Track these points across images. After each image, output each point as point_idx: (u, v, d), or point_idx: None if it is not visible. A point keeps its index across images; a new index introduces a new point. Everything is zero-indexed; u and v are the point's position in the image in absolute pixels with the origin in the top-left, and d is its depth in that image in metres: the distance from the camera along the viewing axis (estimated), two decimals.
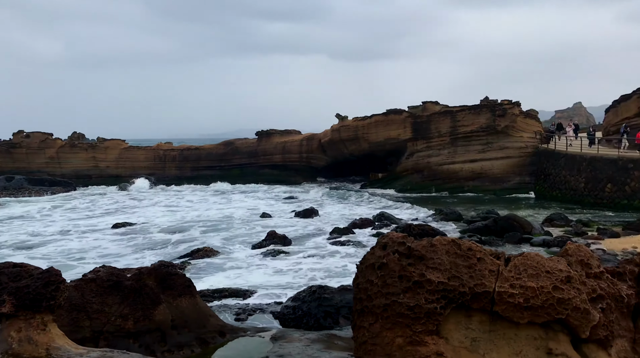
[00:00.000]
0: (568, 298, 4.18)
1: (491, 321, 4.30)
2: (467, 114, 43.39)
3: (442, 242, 4.45)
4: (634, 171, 32.34)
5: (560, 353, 4.21)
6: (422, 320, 4.15)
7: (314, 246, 22.23)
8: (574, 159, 36.14)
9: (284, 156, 54.46)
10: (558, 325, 4.27)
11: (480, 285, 4.26)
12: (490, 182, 41.86)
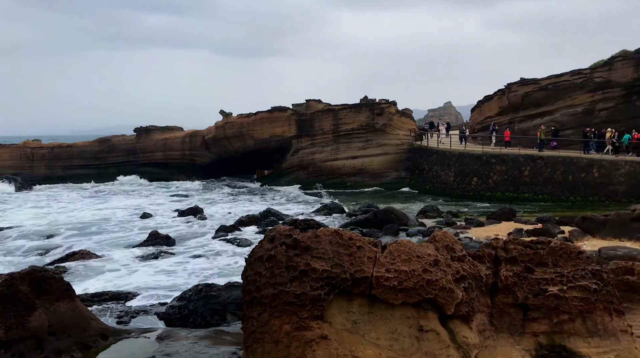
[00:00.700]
0: (436, 280, 4.66)
1: (370, 304, 4.68)
2: (348, 112, 44.98)
3: (326, 233, 4.75)
4: (496, 165, 35.56)
5: (430, 329, 4.69)
6: (308, 306, 4.42)
7: (200, 245, 21.92)
8: (444, 155, 38.92)
9: (166, 153, 52.83)
10: (428, 304, 4.75)
11: (360, 271, 4.62)
12: (370, 177, 43.80)
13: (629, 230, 18.97)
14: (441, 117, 75.79)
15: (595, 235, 19.58)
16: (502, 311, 5.37)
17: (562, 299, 5.37)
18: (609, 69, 34.81)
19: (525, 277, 5.43)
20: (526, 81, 38.30)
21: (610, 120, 34.58)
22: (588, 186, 32.53)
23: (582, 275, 5.67)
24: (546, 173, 33.71)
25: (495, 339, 5.13)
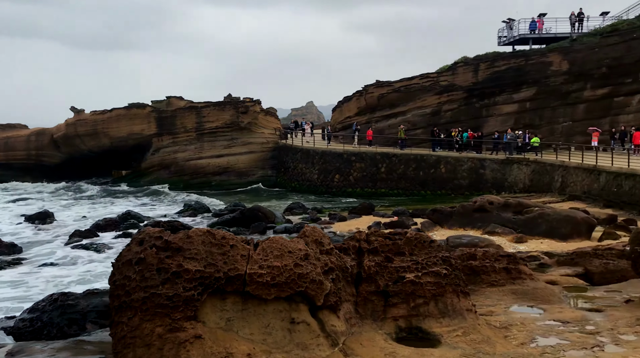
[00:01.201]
0: (306, 273, 4.88)
1: (243, 301, 4.77)
2: (212, 110, 44.31)
3: (198, 233, 4.75)
4: (356, 163, 37.36)
5: (301, 321, 4.90)
6: (181, 307, 4.39)
7: (51, 252, 20.29)
8: (308, 153, 40.00)
9: (7, 153, 48.01)
10: (299, 297, 4.95)
11: (233, 269, 4.69)
12: (236, 176, 43.59)
13: (472, 219, 21.05)
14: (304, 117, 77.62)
15: (444, 225, 21.44)
16: (366, 300, 5.76)
17: (417, 285, 5.89)
18: (452, 74, 38.18)
19: (385, 266, 5.88)
20: (381, 83, 40.65)
21: (455, 120, 37.97)
22: (437, 181, 35.46)
23: (434, 261, 6.26)
24: (400, 170, 36.13)
25: (361, 325, 5.49)
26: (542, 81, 36.18)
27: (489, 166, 34.53)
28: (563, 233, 18.82)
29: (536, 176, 32.28)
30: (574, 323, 7.02)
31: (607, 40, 35.07)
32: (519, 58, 36.83)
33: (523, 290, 9.30)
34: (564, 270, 12.96)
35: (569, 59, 35.56)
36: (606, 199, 26.24)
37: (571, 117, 36.54)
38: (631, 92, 35.22)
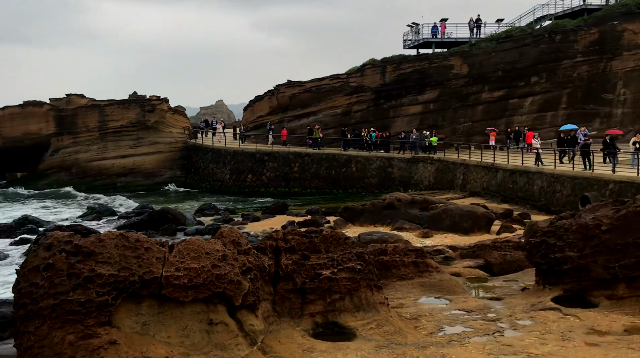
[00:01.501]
0: (224, 274, 4.87)
1: (160, 304, 4.68)
2: (116, 108, 42.44)
3: (111, 236, 4.60)
4: (269, 162, 37.34)
5: (220, 322, 4.89)
6: (94, 313, 4.23)
7: None
8: (219, 153, 39.41)
9: None
10: (217, 298, 4.94)
11: (149, 272, 4.58)
12: (143, 177, 42.05)
13: (381, 216, 21.76)
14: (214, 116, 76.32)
15: (355, 223, 21.99)
16: (283, 298, 5.84)
17: (334, 281, 6.06)
18: (361, 75, 39.18)
19: (302, 264, 5.99)
20: (292, 83, 40.90)
21: (364, 120, 39.00)
22: (348, 179, 36.25)
23: (349, 258, 6.46)
24: (313, 169, 36.57)
25: (279, 323, 5.56)
26: (444, 83, 38.03)
27: (396, 165, 35.79)
28: (465, 228, 19.92)
29: (440, 174, 33.90)
30: (477, 312, 7.51)
31: (502, 45, 37.52)
32: (422, 61, 38.47)
33: (430, 282, 9.79)
34: (466, 262, 13.78)
35: (469, 63, 37.66)
36: (503, 195, 28.09)
37: (471, 118, 38.70)
38: (524, 94, 37.92)
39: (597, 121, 37.48)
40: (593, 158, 24.32)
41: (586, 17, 37.24)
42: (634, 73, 37.12)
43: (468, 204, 24.24)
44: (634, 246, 7.23)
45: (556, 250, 8.14)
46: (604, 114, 37.74)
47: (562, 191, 24.47)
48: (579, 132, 29.20)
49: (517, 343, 5.95)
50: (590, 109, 37.72)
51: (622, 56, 36.76)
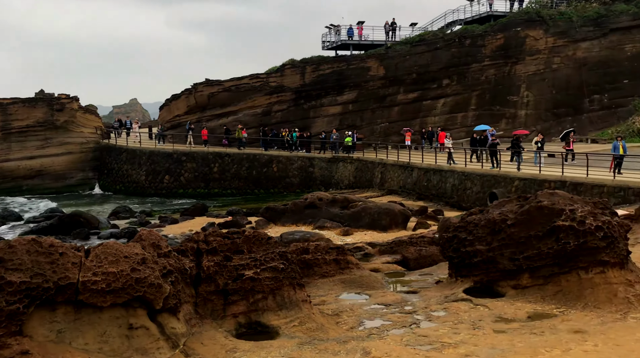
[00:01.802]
0: (144, 277, 4.78)
1: (76, 310, 4.51)
2: (21, 107, 39.88)
3: (22, 242, 4.38)
4: (187, 163, 36.56)
5: (140, 326, 4.79)
6: (4, 323, 4.02)
7: None
8: (134, 153, 38.07)
9: None
10: (137, 302, 4.83)
11: (64, 278, 4.41)
12: (52, 179, 39.84)
13: (303, 215, 21.98)
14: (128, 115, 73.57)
15: (277, 223, 22.07)
16: (205, 300, 5.80)
17: (257, 281, 6.09)
18: (281, 75, 39.27)
19: (225, 265, 5.97)
20: (211, 82, 40.26)
21: (285, 120, 39.11)
22: (269, 179, 36.22)
23: (272, 257, 6.51)
24: (233, 169, 36.20)
25: (201, 325, 5.52)
26: (362, 84, 38.92)
27: (317, 165, 36.21)
28: (383, 225, 20.56)
29: (359, 173, 34.68)
30: (395, 305, 7.80)
31: (416, 49, 38.93)
32: (341, 63, 39.16)
33: (351, 278, 10.04)
34: (385, 258, 14.23)
35: (385, 65, 38.76)
36: (418, 192, 29.20)
37: (388, 119, 39.88)
38: (437, 96, 39.56)
39: (504, 121, 39.80)
40: (500, 157, 25.85)
41: (492, 23, 39.43)
42: (536, 77, 39.76)
43: (386, 202, 24.99)
44: (535, 238, 7.79)
45: (467, 244, 8.60)
46: (510, 115, 40.13)
47: (472, 188, 25.80)
48: (488, 133, 30.92)
49: (432, 334, 6.26)
50: (497, 110, 39.99)
51: (524, 60, 39.27)
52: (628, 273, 7.57)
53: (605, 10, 39.67)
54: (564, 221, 7.53)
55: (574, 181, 20.96)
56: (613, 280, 7.31)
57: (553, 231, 7.63)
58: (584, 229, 7.36)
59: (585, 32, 39.20)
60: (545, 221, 7.82)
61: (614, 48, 39.63)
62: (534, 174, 23.02)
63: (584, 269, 7.40)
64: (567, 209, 7.65)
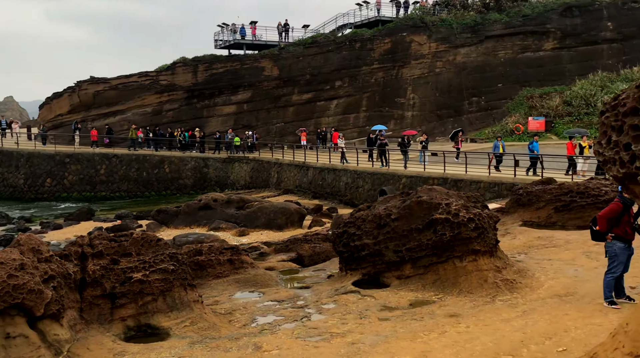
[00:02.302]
0: (23, 283, 4.56)
1: None
2: None
3: None
4: (71, 165, 34.45)
5: (18, 335, 4.57)
6: None
7: None
8: (11, 155, 35.23)
9: None
10: (15, 310, 4.60)
11: None
12: None
13: (197, 217, 21.62)
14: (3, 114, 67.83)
15: (170, 225, 21.52)
16: (91, 304, 5.63)
17: (145, 283, 6.01)
18: (172, 73, 38.21)
19: (112, 269, 5.83)
20: (97, 79, 38.26)
21: (177, 120, 38.11)
22: (161, 181, 35.12)
23: (161, 259, 6.45)
24: (122, 171, 34.67)
25: (87, 330, 5.36)
26: (256, 84, 38.93)
27: (212, 165, 35.68)
28: (279, 224, 20.78)
29: (255, 173, 34.67)
30: (287, 301, 8.02)
31: (309, 50, 39.62)
32: (234, 62, 38.90)
33: (245, 278, 10.13)
34: (280, 256, 14.46)
35: (279, 66, 39.06)
36: (314, 191, 29.79)
37: (283, 119, 40.22)
38: (330, 97, 40.53)
39: (392, 122, 41.62)
40: (388, 156, 27.09)
41: (380, 28, 41.12)
42: (421, 80, 42.02)
43: (282, 201, 25.26)
44: (416, 231, 8.37)
45: (355, 238, 9.03)
46: (398, 116, 42.06)
47: (364, 186, 26.80)
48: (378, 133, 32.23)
49: (322, 325, 6.54)
50: (387, 111, 41.75)
51: (410, 64, 41.36)
52: (497, 260, 8.36)
53: (481, 18, 42.82)
54: (441, 214, 8.15)
55: (455, 177, 22.48)
56: (484, 267, 8.04)
57: (431, 224, 8.24)
58: (457, 221, 8.03)
59: (464, 39, 42.07)
60: (424, 214, 8.42)
61: (489, 54, 42.91)
62: (419, 172, 24.37)
63: (459, 258, 8.07)
64: (444, 203, 8.29)
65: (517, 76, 42.99)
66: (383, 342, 5.83)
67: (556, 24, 43.25)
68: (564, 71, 43.23)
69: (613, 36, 43.67)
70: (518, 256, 10.02)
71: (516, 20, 43.01)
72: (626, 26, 43.47)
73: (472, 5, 44.44)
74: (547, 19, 43.29)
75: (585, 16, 43.97)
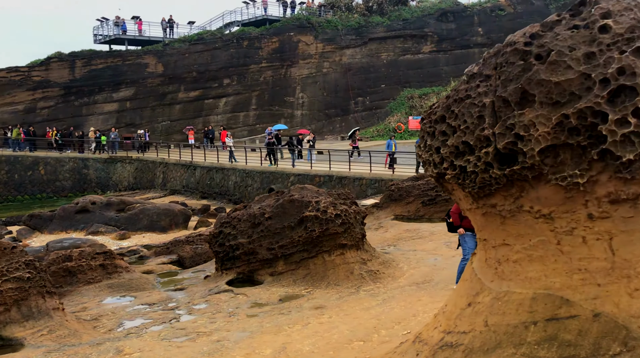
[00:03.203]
0: None
1: None
2: None
3: None
4: None
5: None
6: None
7: None
8: None
9: None
10: None
11: None
12: None
13: (74, 221, 20.53)
14: None
15: (44, 231, 20.24)
16: None
17: None
18: (46, 69, 35.76)
19: None
20: None
21: (53, 118, 35.74)
22: (36, 183, 32.79)
23: (16, 267, 6.17)
24: None
25: None
26: (140, 81, 37.51)
27: (92, 166, 33.91)
28: (163, 226, 20.31)
29: (140, 173, 33.45)
30: (158, 304, 7.97)
31: (195, 47, 38.88)
32: (115, 58, 37.20)
33: (119, 282, 9.88)
34: (160, 259, 14.17)
35: (163, 62, 37.94)
36: (202, 191, 29.37)
37: (169, 117, 39.14)
38: (218, 95, 40.07)
39: (283, 121, 42.03)
40: (276, 154, 27.40)
41: (268, 27, 41.34)
42: (309, 79, 42.83)
43: (167, 202, 24.66)
44: (288, 228, 8.66)
45: (231, 238, 9.15)
46: (288, 115, 42.57)
47: (253, 184, 26.91)
48: (267, 131, 32.45)
49: (190, 326, 6.60)
50: (277, 110, 42.11)
51: (298, 63, 42.01)
52: (363, 253, 8.87)
53: (364, 21, 44.48)
54: (310, 211, 8.51)
55: (340, 175, 23.27)
56: (350, 259, 8.51)
57: (302, 221, 8.57)
58: (326, 217, 8.42)
59: (349, 40, 43.47)
60: (296, 212, 8.73)
61: (373, 56, 44.70)
62: (306, 170, 24.92)
63: (328, 252, 8.48)
64: (313, 201, 8.66)
65: (399, 77, 45.18)
66: (248, 337, 6.02)
67: (433, 29, 46.01)
68: (441, 73, 46.11)
69: (483, 41, 47.24)
70: (387, 248, 10.69)
71: (397, 23, 45.18)
72: (494, 32, 47.23)
73: (356, 7, 45.98)
74: (425, 24, 45.91)
75: (458, 21, 47.20)
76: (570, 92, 3.13)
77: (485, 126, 3.45)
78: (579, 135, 3.12)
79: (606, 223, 3.22)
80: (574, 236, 3.33)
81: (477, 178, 3.56)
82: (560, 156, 3.21)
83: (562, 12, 3.42)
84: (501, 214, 3.64)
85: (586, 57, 3.10)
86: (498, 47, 3.59)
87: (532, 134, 3.22)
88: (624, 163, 3.01)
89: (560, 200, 3.31)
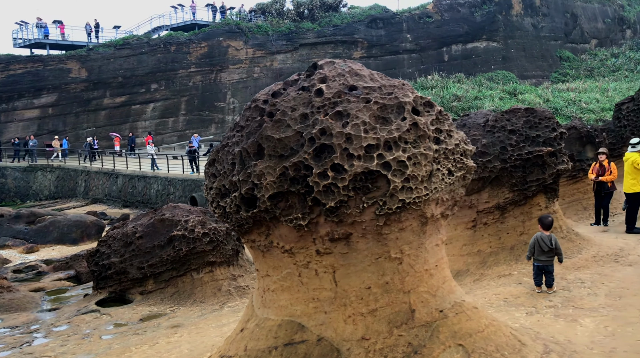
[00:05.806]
0: None
1: None
2: None
3: None
4: None
5: None
6: None
7: None
8: None
9: None
10: None
11: None
12: None
13: None
14: None
15: None
16: None
17: None
18: None
19: None
20: None
21: None
22: None
23: None
24: None
25: None
26: (62, 87, 36.53)
27: (10, 175, 32.80)
28: (74, 238, 19.98)
29: (61, 182, 32.61)
30: (21, 327, 8.01)
31: (121, 52, 38.19)
32: (36, 63, 36.07)
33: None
34: (57, 275, 14.03)
35: (87, 67, 37.08)
36: (124, 200, 28.95)
37: (94, 123, 38.27)
38: (146, 101, 39.50)
39: (213, 126, 41.92)
40: (199, 162, 27.37)
41: (197, 32, 41.10)
42: (240, 84, 42.86)
43: (85, 212, 24.22)
44: (158, 248, 8.87)
45: (104, 257, 9.27)
46: (218, 120, 42.45)
47: (175, 192, 26.78)
48: (193, 138, 32.30)
49: (39, 350, 6.72)
50: (207, 115, 41.91)
51: (228, 68, 41.98)
52: (236, 268, 9.19)
53: (295, 27, 44.91)
54: (179, 231, 8.75)
55: None
56: (219, 276, 8.81)
57: (171, 241, 8.80)
58: (193, 236, 8.69)
59: (279, 46, 43.79)
60: (166, 231, 8.95)
61: (304, 61, 45.15)
62: None
63: (196, 270, 8.74)
64: (183, 220, 8.91)
65: None
66: None
67: (363, 35, 46.97)
68: None
69: (412, 47, 48.62)
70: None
71: (327, 29, 45.85)
72: (422, 38, 48.69)
73: (287, 13, 46.37)
74: (355, 30, 46.80)
75: (388, 28, 48.37)
76: (290, 148, 3.54)
77: (235, 173, 3.84)
78: (298, 184, 3.54)
79: (330, 257, 3.66)
80: (310, 268, 3.76)
81: (233, 217, 3.94)
82: (289, 201, 3.63)
83: (302, 72, 3.85)
84: (260, 249, 4.03)
85: (302, 118, 3.52)
86: (250, 101, 3.98)
87: (262, 182, 3.62)
88: (330, 209, 3.45)
89: (295, 238, 3.73)
